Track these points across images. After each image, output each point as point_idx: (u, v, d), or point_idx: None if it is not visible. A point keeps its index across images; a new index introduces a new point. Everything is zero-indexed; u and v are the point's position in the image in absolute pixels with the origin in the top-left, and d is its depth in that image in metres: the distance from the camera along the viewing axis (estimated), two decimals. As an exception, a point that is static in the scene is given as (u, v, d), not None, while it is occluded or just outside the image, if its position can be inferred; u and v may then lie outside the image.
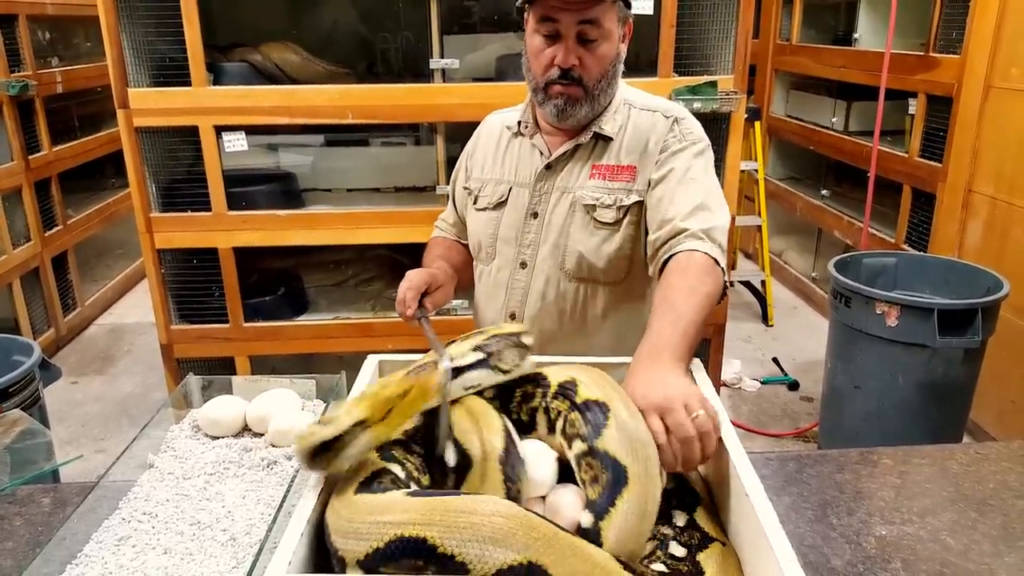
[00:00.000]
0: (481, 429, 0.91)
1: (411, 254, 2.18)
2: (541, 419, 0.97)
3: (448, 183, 1.68)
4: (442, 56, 2.51)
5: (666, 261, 1.21)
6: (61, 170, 3.82)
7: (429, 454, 0.93)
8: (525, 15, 1.31)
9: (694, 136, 1.34)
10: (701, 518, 0.91)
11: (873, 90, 3.29)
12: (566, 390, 0.95)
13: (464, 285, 1.52)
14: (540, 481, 0.91)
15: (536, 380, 1.00)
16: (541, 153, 1.38)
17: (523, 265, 1.38)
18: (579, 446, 0.89)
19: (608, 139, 1.34)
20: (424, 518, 0.73)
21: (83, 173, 4.13)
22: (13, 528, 1.17)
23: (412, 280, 1.31)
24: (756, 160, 4.02)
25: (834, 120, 4.00)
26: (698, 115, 2.51)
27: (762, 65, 4.61)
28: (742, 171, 3.34)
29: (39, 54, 3.69)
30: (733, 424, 1.11)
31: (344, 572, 0.75)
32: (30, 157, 3.55)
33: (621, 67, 1.33)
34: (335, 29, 3.04)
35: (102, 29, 2.36)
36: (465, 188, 1.49)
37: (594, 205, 1.32)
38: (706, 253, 1.19)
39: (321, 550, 0.80)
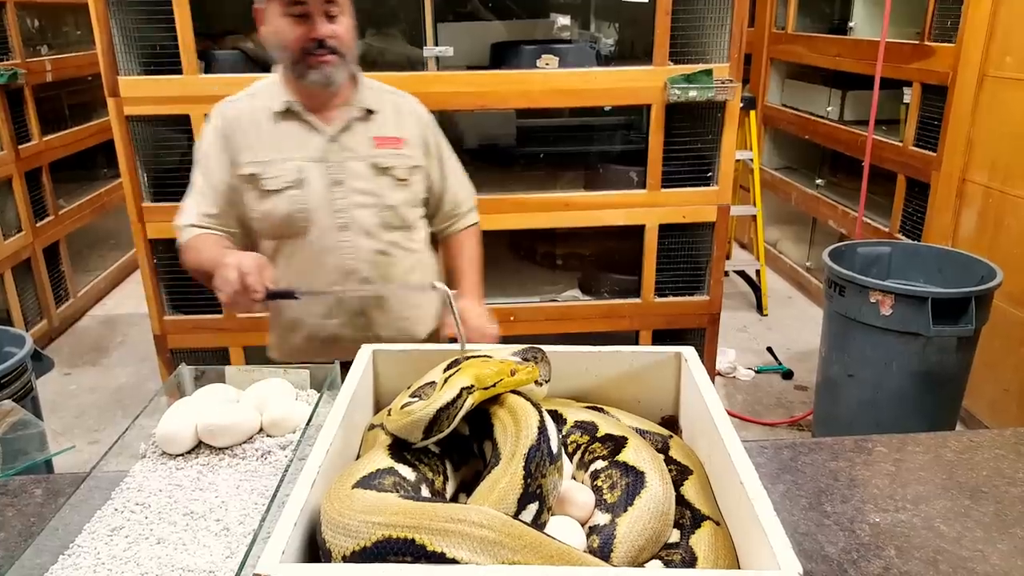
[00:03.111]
0: (518, 427, 0.90)
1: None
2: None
3: None
4: (436, 44, 2.49)
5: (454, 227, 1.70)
6: (52, 160, 3.79)
7: (463, 449, 0.96)
8: (258, 7, 1.47)
9: (430, 115, 1.66)
10: (690, 492, 0.92)
11: (868, 79, 3.28)
12: (585, 425, 1.02)
13: None
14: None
15: (553, 416, 1.00)
16: (319, 130, 1.52)
17: (344, 227, 1.54)
18: (598, 464, 0.95)
19: (372, 112, 1.56)
20: (413, 522, 0.73)
21: (74, 163, 4.10)
22: (5, 519, 1.16)
23: (245, 264, 1.29)
24: (751, 149, 4.02)
25: (829, 109, 3.99)
26: (693, 103, 2.54)
27: (757, 54, 4.60)
28: (737, 160, 3.33)
29: (28, 42, 3.65)
30: (728, 413, 1.12)
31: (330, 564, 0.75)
32: (20, 147, 3.52)
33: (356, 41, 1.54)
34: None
35: (91, 16, 2.33)
36: (247, 175, 1.50)
37: (392, 166, 1.55)
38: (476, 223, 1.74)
39: (315, 539, 0.80)
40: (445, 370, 0.98)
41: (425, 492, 0.87)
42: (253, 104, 1.55)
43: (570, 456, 1.02)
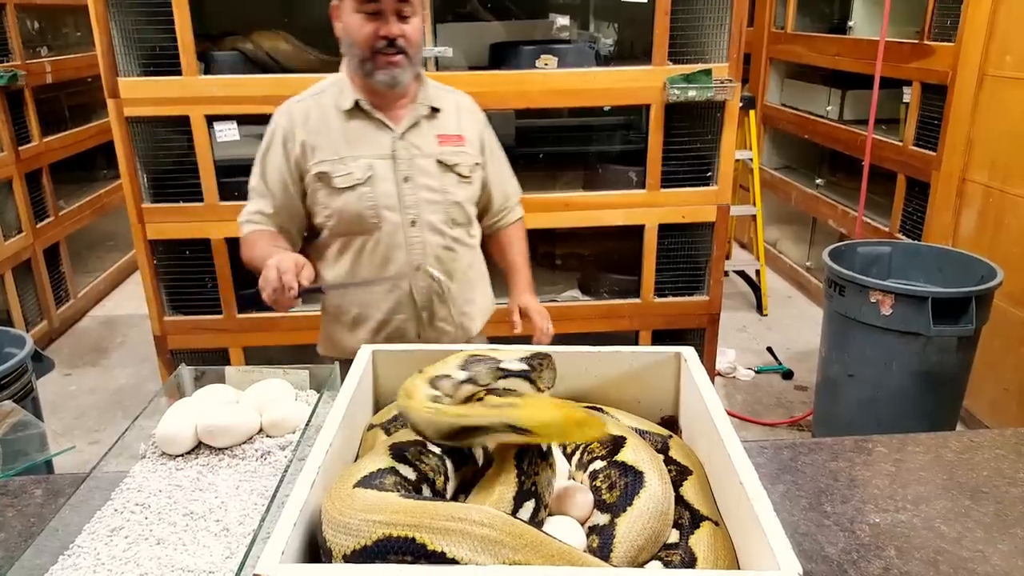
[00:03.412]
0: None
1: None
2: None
3: None
4: (435, 44, 2.49)
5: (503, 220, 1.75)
6: (52, 161, 3.79)
7: (464, 449, 0.96)
8: (335, 3, 1.51)
9: (483, 114, 1.70)
10: (689, 492, 0.92)
11: (868, 78, 3.28)
12: None
13: None
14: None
15: None
16: (389, 126, 1.55)
17: (413, 223, 1.56)
18: (597, 464, 0.95)
19: (437, 110, 1.59)
20: (414, 520, 0.73)
21: (74, 164, 4.10)
22: (5, 519, 1.16)
23: (283, 264, 1.34)
24: (751, 149, 4.02)
25: (829, 109, 3.99)
26: (693, 103, 2.54)
27: (757, 53, 4.60)
28: (736, 160, 3.33)
29: (28, 44, 3.65)
30: (728, 413, 1.12)
31: (331, 563, 0.75)
32: (20, 148, 3.52)
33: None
34: (327, 17, 3.00)
35: (91, 18, 2.33)
36: (318, 174, 1.53)
37: (457, 163, 1.59)
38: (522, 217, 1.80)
39: (315, 540, 0.80)
40: (500, 379, 0.96)
41: (426, 492, 0.87)
42: (320, 102, 1.56)
43: (568, 457, 1.02)
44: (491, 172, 1.70)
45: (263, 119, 3.00)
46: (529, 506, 0.84)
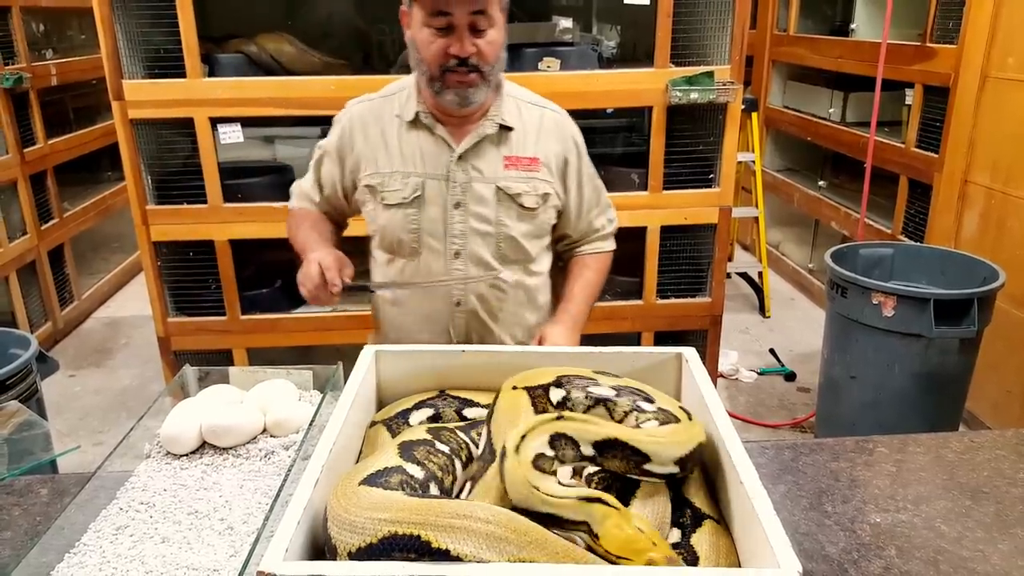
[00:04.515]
0: (514, 425, 0.91)
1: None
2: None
3: None
4: (438, 47, 2.50)
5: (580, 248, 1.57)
6: (56, 163, 3.81)
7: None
8: (404, 9, 1.36)
9: (578, 131, 1.51)
10: (690, 491, 0.92)
11: (870, 81, 3.28)
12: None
13: None
14: None
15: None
16: (449, 144, 1.41)
17: (457, 255, 1.43)
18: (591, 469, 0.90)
19: (509, 128, 1.42)
20: (420, 518, 0.73)
21: (79, 166, 4.11)
22: (11, 518, 1.17)
23: (326, 260, 1.32)
24: (753, 151, 4.02)
25: (831, 111, 3.99)
26: (695, 105, 2.55)
27: (759, 56, 4.60)
28: (739, 162, 3.33)
29: (33, 46, 3.67)
30: (730, 415, 1.12)
31: (335, 561, 0.76)
32: (25, 150, 3.53)
33: (505, 51, 1.40)
34: (331, 20, 3.03)
35: (96, 21, 2.34)
36: (367, 187, 1.45)
37: (519, 193, 1.42)
38: (610, 251, 1.59)
39: (318, 538, 0.81)
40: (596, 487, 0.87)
41: (434, 490, 0.88)
42: (384, 108, 1.45)
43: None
44: (572, 200, 1.49)
45: (267, 122, 3.01)
46: None
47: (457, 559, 0.71)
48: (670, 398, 1.01)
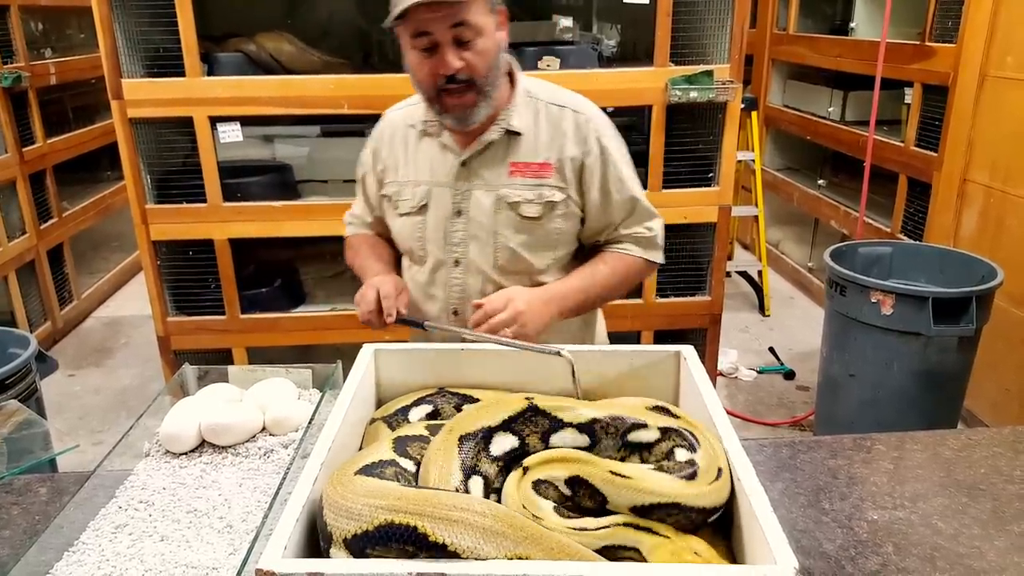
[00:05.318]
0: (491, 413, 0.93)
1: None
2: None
3: None
4: (437, 46, 2.50)
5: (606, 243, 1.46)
6: (56, 162, 3.81)
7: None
8: (395, 33, 1.31)
9: (609, 132, 1.41)
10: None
11: (869, 80, 3.28)
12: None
13: None
14: None
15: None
16: (453, 152, 1.39)
17: (457, 263, 1.41)
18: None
19: (518, 134, 1.37)
20: (417, 508, 0.74)
21: (78, 165, 4.12)
22: (10, 517, 1.17)
23: (384, 288, 1.33)
24: (753, 150, 4.02)
25: (831, 110, 4.00)
26: (694, 104, 2.55)
27: (759, 55, 4.60)
28: (739, 161, 3.33)
29: (32, 45, 3.67)
30: (730, 413, 1.12)
31: (330, 547, 0.76)
32: (24, 149, 3.54)
33: (505, 54, 1.35)
34: (331, 19, 3.03)
35: (95, 19, 2.34)
36: (384, 196, 1.47)
37: (519, 202, 1.37)
38: (640, 258, 1.45)
39: (317, 536, 0.81)
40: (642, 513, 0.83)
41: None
42: (409, 116, 1.44)
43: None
44: (592, 206, 1.40)
45: (266, 121, 3.01)
46: (478, 481, 0.87)
47: (454, 553, 0.71)
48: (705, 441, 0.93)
